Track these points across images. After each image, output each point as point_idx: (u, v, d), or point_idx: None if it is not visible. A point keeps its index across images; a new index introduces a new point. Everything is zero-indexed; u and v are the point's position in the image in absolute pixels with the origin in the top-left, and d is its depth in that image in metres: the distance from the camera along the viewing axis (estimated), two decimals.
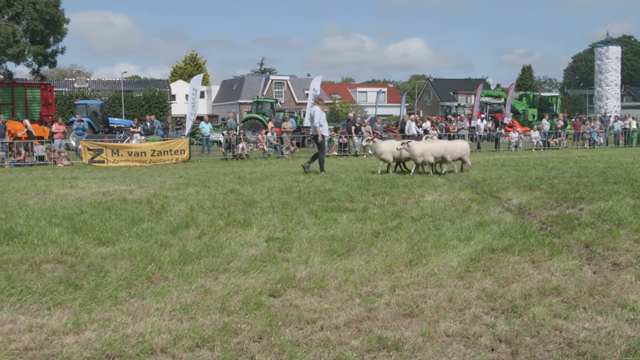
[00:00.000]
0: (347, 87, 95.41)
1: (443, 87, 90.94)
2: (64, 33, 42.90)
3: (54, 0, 40.51)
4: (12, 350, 4.77)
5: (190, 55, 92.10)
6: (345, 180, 15.19)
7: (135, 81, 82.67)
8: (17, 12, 39.68)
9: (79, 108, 40.36)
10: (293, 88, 77.72)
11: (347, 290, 6.24)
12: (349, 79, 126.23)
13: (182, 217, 10.02)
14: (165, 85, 76.45)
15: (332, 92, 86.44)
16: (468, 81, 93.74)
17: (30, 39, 41.19)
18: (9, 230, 8.93)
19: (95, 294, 6.12)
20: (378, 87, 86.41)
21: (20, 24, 40.91)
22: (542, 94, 60.31)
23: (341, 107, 77.30)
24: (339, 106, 77.56)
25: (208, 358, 4.68)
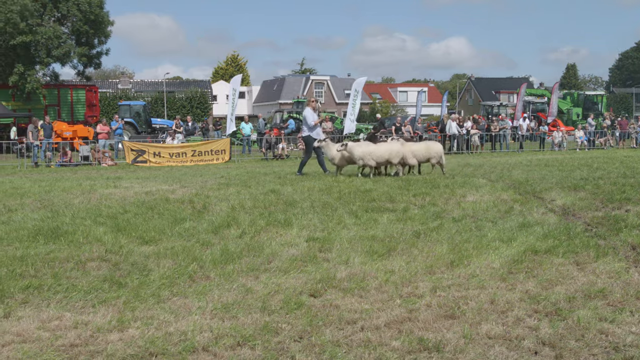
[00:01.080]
0: (387, 87, 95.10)
1: (485, 86, 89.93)
2: (109, 35, 43.65)
3: (98, 2, 41.24)
4: (58, 347, 4.87)
5: (231, 56, 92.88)
6: (385, 180, 15.15)
7: (177, 82, 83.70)
8: (63, 14, 40.51)
9: (122, 109, 41.07)
10: (333, 88, 77.74)
11: (388, 291, 6.21)
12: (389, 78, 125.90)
13: (224, 217, 10.11)
14: (206, 85, 77.23)
15: (372, 91, 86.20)
16: (510, 80, 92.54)
17: (75, 40, 42.01)
18: (56, 229, 9.12)
19: (138, 292, 6.21)
20: (419, 87, 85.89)
21: (66, 25, 41.75)
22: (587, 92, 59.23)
23: (381, 107, 77.04)
24: (379, 106, 77.30)
25: (249, 357, 4.71)
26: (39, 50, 38.38)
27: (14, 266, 7.12)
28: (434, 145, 16.90)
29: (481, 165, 20.61)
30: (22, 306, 5.82)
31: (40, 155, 26.99)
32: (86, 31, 41.18)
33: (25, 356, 4.67)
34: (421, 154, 16.40)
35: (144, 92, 70.76)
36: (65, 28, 41.55)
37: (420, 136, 30.62)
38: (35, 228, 9.24)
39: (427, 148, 16.58)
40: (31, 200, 12.80)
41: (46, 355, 4.69)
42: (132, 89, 73.06)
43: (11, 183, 16.94)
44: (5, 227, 9.47)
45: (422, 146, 16.74)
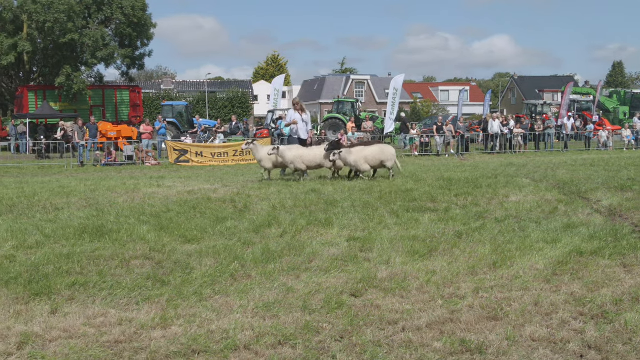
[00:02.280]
0: (428, 86, 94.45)
1: (528, 84, 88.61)
2: (151, 37, 44.32)
3: (141, 5, 41.88)
4: (103, 343, 4.96)
5: (272, 56, 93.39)
6: (427, 180, 15.04)
7: (218, 82, 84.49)
8: (107, 16, 41.25)
9: (165, 109, 41.62)
10: (374, 87, 77.51)
11: (429, 292, 6.16)
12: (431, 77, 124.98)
13: (265, 216, 10.17)
14: (247, 86, 77.79)
15: (413, 91, 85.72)
16: (554, 78, 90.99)
17: (119, 42, 42.75)
18: (101, 227, 9.29)
19: (181, 290, 6.28)
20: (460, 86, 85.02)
21: (110, 28, 42.51)
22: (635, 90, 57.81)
23: (422, 106, 76.55)
24: (421, 105, 76.82)
25: (290, 356, 4.72)
26: (85, 51, 39.17)
27: (61, 263, 7.28)
28: (380, 150, 16.06)
29: (524, 165, 20.32)
30: (68, 303, 5.94)
31: (85, 155, 27.51)
32: (129, 33, 41.90)
33: (71, 352, 4.76)
34: (373, 158, 15.75)
35: (186, 92, 71.71)
36: (109, 30, 42.29)
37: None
38: (81, 226, 9.43)
39: (380, 151, 15.89)
40: (77, 199, 13.06)
41: (92, 351, 4.78)
42: (175, 89, 74.04)
43: (58, 182, 17.31)
44: (52, 225, 9.68)
45: (375, 150, 15.99)
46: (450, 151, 29.33)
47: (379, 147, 16.38)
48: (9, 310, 5.70)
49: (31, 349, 4.85)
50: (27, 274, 6.85)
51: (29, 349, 4.85)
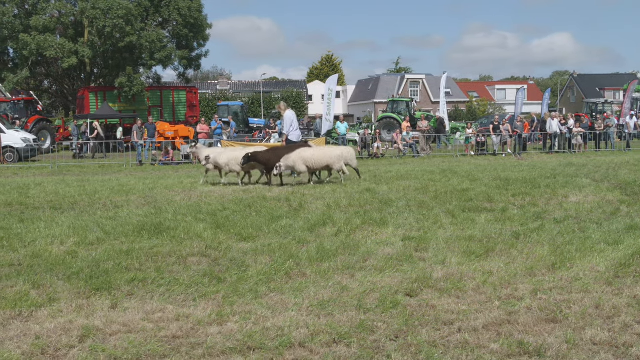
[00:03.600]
0: (484, 85, 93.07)
1: (588, 83, 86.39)
2: (207, 37, 44.97)
3: (197, 6, 42.51)
4: (161, 338, 5.05)
5: (326, 56, 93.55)
6: (483, 179, 14.85)
7: (273, 82, 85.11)
8: (164, 18, 42.01)
9: (221, 109, 42.16)
10: (429, 87, 76.83)
11: (486, 292, 6.07)
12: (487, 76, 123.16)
13: (319, 215, 10.19)
14: (302, 86, 78.13)
15: (469, 90, 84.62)
16: (616, 76, 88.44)
17: (176, 44, 43.50)
18: (159, 225, 9.47)
19: (237, 287, 6.34)
20: (518, 84, 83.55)
21: (167, 29, 43.29)
22: None
23: (479, 105, 75.52)
24: (477, 104, 75.80)
25: (345, 354, 4.72)
26: (143, 53, 39.97)
27: (120, 260, 7.45)
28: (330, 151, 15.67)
29: (584, 165, 19.84)
30: (127, 298, 6.08)
31: (144, 154, 28.07)
32: (186, 34, 42.57)
33: (130, 346, 4.86)
34: (314, 161, 15.18)
35: (241, 92, 72.47)
36: (167, 32, 43.07)
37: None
38: (140, 224, 9.63)
39: (322, 155, 15.33)
40: (136, 197, 13.35)
41: (150, 345, 4.87)
42: (230, 89, 74.91)
43: (117, 181, 17.72)
44: (112, 222, 9.92)
45: (318, 152, 15.56)
46: (507, 151, 28.84)
47: (322, 149, 15.98)
48: (71, 304, 5.86)
49: (92, 342, 4.97)
50: (88, 269, 7.03)
51: (90, 342, 4.97)
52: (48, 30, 37.98)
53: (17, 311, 5.69)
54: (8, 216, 10.86)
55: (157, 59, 40.86)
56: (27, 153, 28.41)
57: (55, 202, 12.81)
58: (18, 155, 28.12)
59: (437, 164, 21.92)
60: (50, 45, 36.57)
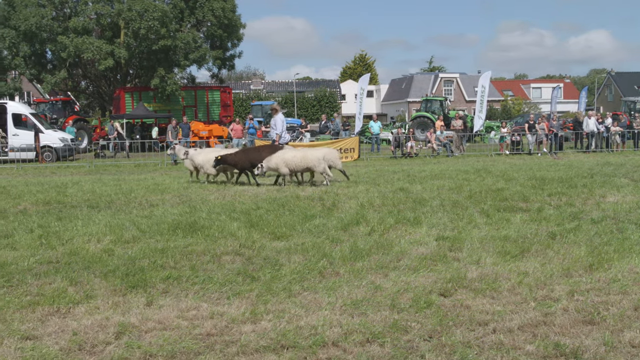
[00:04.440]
0: (519, 84, 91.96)
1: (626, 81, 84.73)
2: (241, 38, 45.21)
3: (231, 7, 42.76)
4: (196, 335, 5.10)
5: (359, 56, 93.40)
6: (518, 179, 14.68)
7: (306, 82, 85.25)
8: (199, 19, 42.35)
9: (254, 109, 42.35)
10: (463, 85, 76.21)
11: (521, 293, 6.00)
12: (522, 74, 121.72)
13: (353, 214, 10.18)
14: (335, 85, 78.14)
15: (503, 88, 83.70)
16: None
17: (210, 44, 43.82)
18: (193, 224, 9.55)
19: (270, 286, 6.37)
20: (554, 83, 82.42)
21: (201, 30, 43.63)
22: None
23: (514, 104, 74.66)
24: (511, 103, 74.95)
25: (378, 354, 4.71)
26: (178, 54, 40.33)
27: (156, 258, 7.53)
28: (311, 153, 15.36)
29: (622, 164, 19.48)
30: (162, 295, 6.14)
31: None
32: (220, 35, 42.85)
33: (165, 343, 4.91)
34: (295, 163, 14.97)
35: (274, 92, 72.72)
36: (201, 33, 43.40)
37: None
38: (175, 222, 9.72)
39: (303, 157, 15.04)
40: (171, 196, 13.49)
41: (185, 342, 4.92)
42: (264, 89, 75.23)
43: (153, 180, 17.92)
44: (148, 220, 10.03)
45: (300, 154, 15.28)
46: (543, 150, 28.46)
47: (303, 152, 15.71)
48: (107, 302, 5.95)
49: (128, 338, 5.04)
50: (124, 267, 7.13)
51: (126, 338, 5.04)
52: (85, 32, 38.57)
53: (55, 307, 5.79)
54: (46, 214, 11.06)
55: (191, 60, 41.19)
56: (64, 152, 28.91)
57: (92, 200, 13.01)
58: (56, 154, 28.64)
59: (471, 164, 21.73)
60: (88, 47, 37.13)
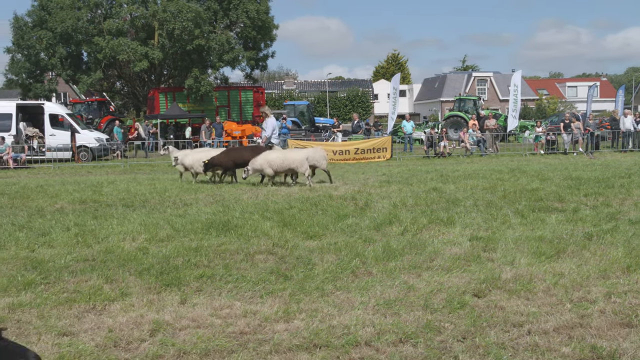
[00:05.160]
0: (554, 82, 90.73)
1: None
2: (274, 38, 45.35)
3: (265, 8, 42.93)
4: (229, 333, 5.13)
5: (392, 55, 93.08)
6: (553, 179, 14.49)
7: (339, 82, 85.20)
8: (232, 20, 42.59)
9: (287, 108, 42.49)
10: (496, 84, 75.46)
11: (557, 294, 5.92)
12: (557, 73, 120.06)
13: (385, 214, 10.15)
14: (367, 85, 77.95)
15: (538, 87, 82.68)
16: None
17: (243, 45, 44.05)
18: (226, 223, 9.61)
19: (303, 285, 6.38)
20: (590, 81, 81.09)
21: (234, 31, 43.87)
22: None
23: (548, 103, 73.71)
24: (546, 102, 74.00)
25: (411, 354, 4.68)
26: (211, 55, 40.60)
27: (189, 256, 7.60)
28: (294, 154, 15.58)
29: None
30: (196, 294, 6.19)
31: None
32: (253, 36, 43.05)
33: (199, 340, 4.95)
34: (278, 164, 15.21)
35: (307, 92, 72.82)
36: (234, 34, 43.65)
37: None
38: (208, 221, 9.79)
39: (285, 158, 15.27)
40: (204, 195, 13.60)
41: (218, 340, 4.95)
42: (296, 89, 75.39)
43: (186, 179, 18.07)
44: (182, 220, 10.12)
45: (283, 155, 15.52)
46: (579, 149, 28.05)
47: (283, 153, 15.92)
48: (142, 299, 6.02)
49: (162, 336, 5.09)
50: (158, 265, 7.21)
51: (161, 336, 5.09)
52: (120, 34, 39.08)
53: (91, 305, 5.88)
54: (83, 213, 11.23)
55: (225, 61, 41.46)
56: (100, 152, 29.33)
57: (127, 199, 13.17)
58: (92, 154, 29.08)
59: (505, 163, 21.51)
60: (123, 48, 37.61)
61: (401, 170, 19.52)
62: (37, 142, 29.11)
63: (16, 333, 5.19)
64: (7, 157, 26.19)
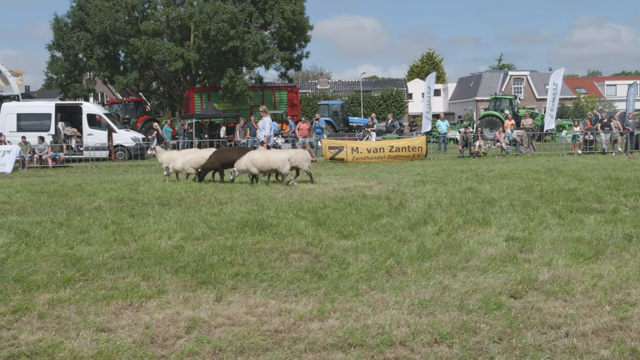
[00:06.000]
0: (593, 81, 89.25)
1: None
2: (309, 38, 45.44)
3: (300, 9, 43.03)
4: (264, 332, 5.15)
5: (426, 54, 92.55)
6: (591, 179, 14.26)
7: (373, 81, 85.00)
8: (267, 21, 42.77)
9: (321, 108, 42.52)
10: (533, 83, 74.55)
11: (595, 296, 5.82)
12: (596, 71, 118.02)
13: (420, 214, 10.09)
14: (402, 84, 77.63)
15: (576, 86, 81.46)
16: None
17: (277, 45, 44.20)
18: (261, 222, 9.65)
19: (337, 284, 6.38)
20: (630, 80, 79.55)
21: (269, 31, 44.05)
22: None
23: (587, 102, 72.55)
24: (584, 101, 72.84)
25: (446, 355, 4.65)
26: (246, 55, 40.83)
27: (225, 254, 7.65)
28: (275, 155, 15.94)
29: None
30: (231, 292, 6.23)
31: None
32: (288, 36, 43.19)
33: (234, 338, 4.98)
34: (261, 164, 15.71)
35: (341, 91, 72.79)
36: (269, 33, 43.84)
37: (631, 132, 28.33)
38: (243, 220, 9.85)
39: (268, 159, 15.71)
40: (239, 194, 13.68)
41: (253, 339, 4.97)
42: (330, 89, 75.39)
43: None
44: (217, 218, 10.20)
45: (265, 155, 15.90)
46: (618, 149, 27.56)
47: (265, 154, 16.25)
48: (178, 297, 6.08)
49: (198, 333, 5.14)
50: (194, 263, 7.27)
51: (196, 333, 5.14)
52: (157, 35, 39.52)
53: (128, 301, 5.95)
54: (120, 211, 11.39)
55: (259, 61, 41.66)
56: (136, 151, 29.73)
57: (162, 198, 13.31)
58: (128, 153, 29.50)
59: (541, 163, 21.23)
60: (159, 49, 38.03)
61: (436, 170, 19.40)
62: (75, 142, 29.64)
63: (56, 328, 5.28)
64: (47, 156, 26.71)
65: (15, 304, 5.90)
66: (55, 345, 4.90)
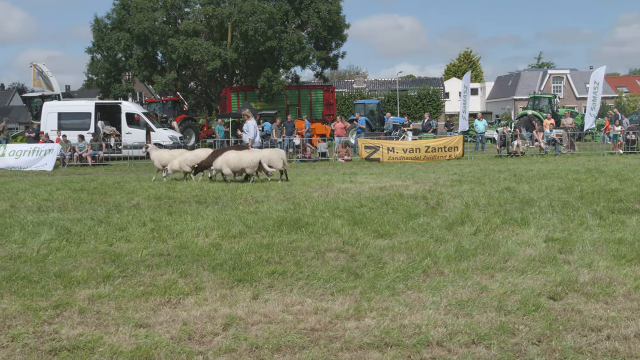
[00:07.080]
0: (635, 79, 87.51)
1: None
2: (345, 38, 45.38)
3: (336, 9, 43.01)
4: (300, 330, 5.16)
5: (464, 53, 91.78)
6: (634, 179, 13.99)
7: (409, 80, 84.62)
8: (303, 20, 42.85)
9: (357, 107, 42.45)
10: (573, 82, 73.40)
11: (638, 299, 5.70)
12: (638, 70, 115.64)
13: (457, 214, 10.01)
14: (438, 83, 77.12)
15: (617, 84, 79.94)
16: None
17: (314, 44, 44.25)
18: (297, 220, 9.68)
19: (374, 283, 6.36)
20: None
21: (306, 31, 44.12)
22: None
23: (628, 100, 71.15)
24: (626, 100, 71.44)
25: (484, 356, 4.60)
26: (283, 55, 40.97)
27: (261, 253, 7.69)
28: (246, 156, 16.63)
29: None
30: (268, 290, 6.26)
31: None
32: (324, 36, 43.20)
33: (271, 336, 5.00)
34: (234, 164, 16.49)
35: (377, 90, 72.60)
36: (305, 33, 43.90)
37: None
38: (279, 218, 9.88)
39: (239, 159, 16.48)
40: (275, 193, 13.73)
41: (289, 337, 4.98)
42: (367, 88, 75.24)
43: (257, 177, 18.28)
44: (253, 216, 10.26)
45: (238, 156, 16.67)
46: None
47: (238, 154, 16.86)
48: (215, 294, 6.12)
49: (235, 330, 5.16)
50: (231, 261, 7.32)
51: (233, 330, 5.17)
52: (195, 34, 39.87)
53: (166, 298, 6.02)
54: (158, 209, 11.52)
55: (296, 60, 41.77)
56: None
57: (200, 196, 13.44)
58: None
59: (582, 163, 20.89)
60: (197, 49, 38.35)
61: (473, 170, 19.22)
62: (114, 140, 30.08)
63: (96, 324, 5.36)
64: (86, 155, 27.16)
65: (57, 299, 6.01)
66: (95, 340, 4.98)
